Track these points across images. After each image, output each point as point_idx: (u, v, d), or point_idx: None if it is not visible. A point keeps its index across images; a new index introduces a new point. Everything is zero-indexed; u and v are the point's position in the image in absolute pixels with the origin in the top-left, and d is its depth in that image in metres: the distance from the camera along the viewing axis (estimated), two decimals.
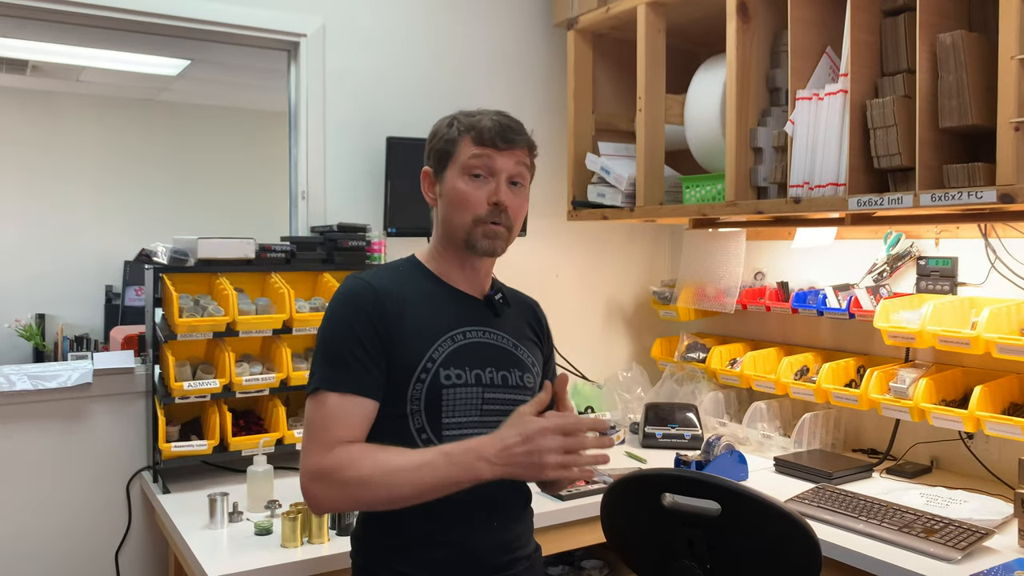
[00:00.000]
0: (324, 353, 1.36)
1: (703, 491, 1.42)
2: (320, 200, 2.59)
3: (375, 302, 1.37)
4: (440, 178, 1.45)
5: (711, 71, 2.44)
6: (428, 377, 1.36)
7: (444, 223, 1.45)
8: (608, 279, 3.18)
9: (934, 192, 1.69)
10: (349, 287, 1.40)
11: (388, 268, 1.48)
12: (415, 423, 1.37)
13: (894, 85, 1.84)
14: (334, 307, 1.39)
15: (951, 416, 2.12)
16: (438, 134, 1.46)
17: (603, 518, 1.59)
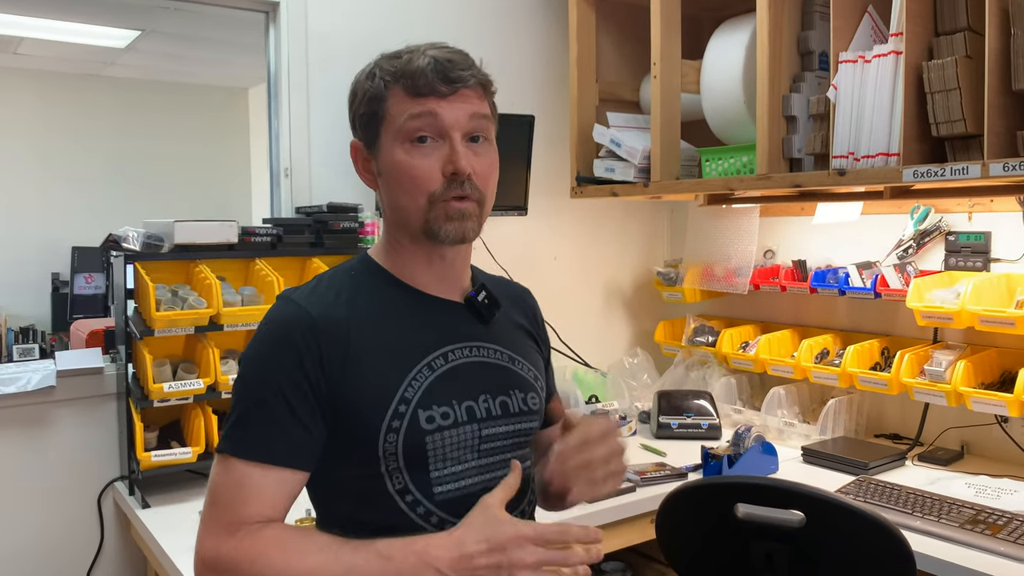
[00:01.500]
0: (236, 404, 1.04)
1: (782, 499, 1.26)
2: (305, 177, 2.36)
3: (310, 336, 1.02)
4: (373, 151, 1.11)
5: (731, 34, 2.26)
6: (403, 424, 1.04)
7: (392, 209, 1.12)
8: (607, 260, 3.01)
9: (1007, 161, 1.54)
10: (275, 316, 1.07)
11: (334, 277, 1.13)
12: (394, 483, 1.05)
13: (952, 45, 1.69)
14: (254, 344, 1.06)
15: (994, 400, 2.00)
16: (359, 92, 1.11)
17: (661, 532, 1.42)
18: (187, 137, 6.32)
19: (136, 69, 5.83)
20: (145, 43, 5.15)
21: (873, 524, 1.22)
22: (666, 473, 2.09)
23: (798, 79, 2.03)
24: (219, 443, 1.04)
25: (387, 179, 1.10)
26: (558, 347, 2.77)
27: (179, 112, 6.30)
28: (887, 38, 1.88)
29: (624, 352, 2.99)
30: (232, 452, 1.01)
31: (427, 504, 1.06)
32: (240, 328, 2.01)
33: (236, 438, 1.02)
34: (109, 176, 5.97)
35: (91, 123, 5.93)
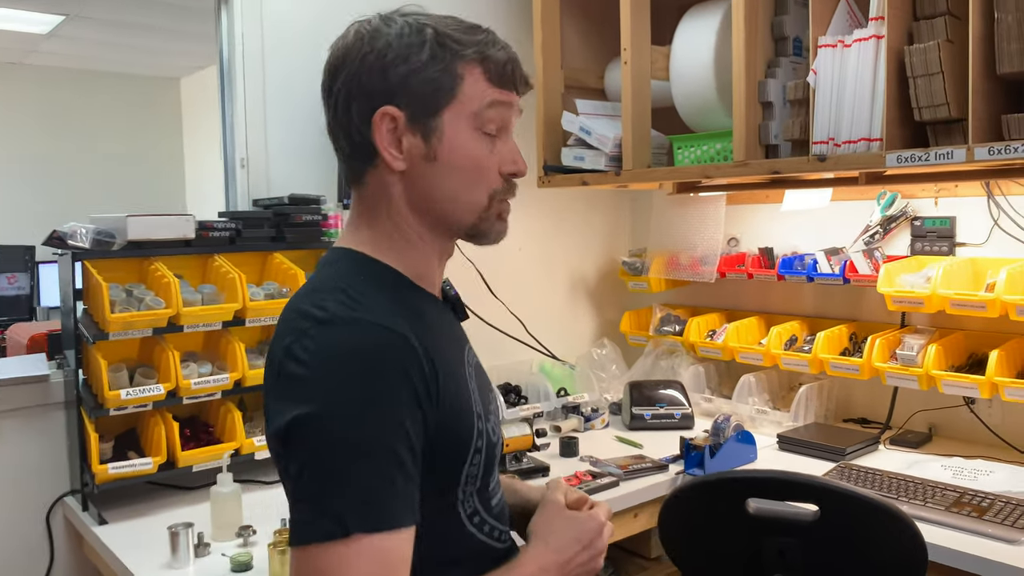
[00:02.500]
0: (354, 466, 0.82)
1: (794, 493, 1.22)
2: (262, 168, 2.24)
3: (414, 362, 0.87)
4: (426, 128, 0.94)
5: (700, 19, 2.23)
6: (484, 442, 0.97)
7: (436, 199, 0.96)
8: (570, 250, 2.97)
9: (992, 145, 1.55)
10: (364, 345, 0.86)
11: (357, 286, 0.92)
12: (466, 509, 0.97)
13: (933, 30, 1.68)
14: (347, 387, 0.84)
15: (966, 383, 2.03)
16: (412, 55, 0.93)
17: (664, 530, 1.38)
18: (115, 130, 6.04)
19: (60, 57, 5.53)
20: (69, 29, 4.88)
21: (888, 514, 1.20)
22: (646, 466, 2.06)
23: (773, 65, 2.01)
24: (325, 527, 0.80)
25: (444, 167, 0.95)
26: (525, 339, 2.72)
27: (106, 103, 6.02)
28: (862, 23, 1.87)
29: (589, 343, 2.95)
30: (371, 528, 0.80)
31: (490, 520, 1.01)
32: (200, 329, 1.89)
33: (372, 510, 0.81)
34: (30, 170, 5.67)
35: (10, 114, 5.61)
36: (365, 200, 0.99)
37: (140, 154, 6.18)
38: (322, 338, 0.86)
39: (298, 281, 2.00)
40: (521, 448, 2.03)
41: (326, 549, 0.79)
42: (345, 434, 0.82)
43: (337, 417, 0.83)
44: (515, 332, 2.68)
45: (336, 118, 0.97)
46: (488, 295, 2.60)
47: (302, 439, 0.83)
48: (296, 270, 2.02)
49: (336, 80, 0.95)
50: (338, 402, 0.83)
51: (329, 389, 0.83)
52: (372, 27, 0.95)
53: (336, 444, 0.82)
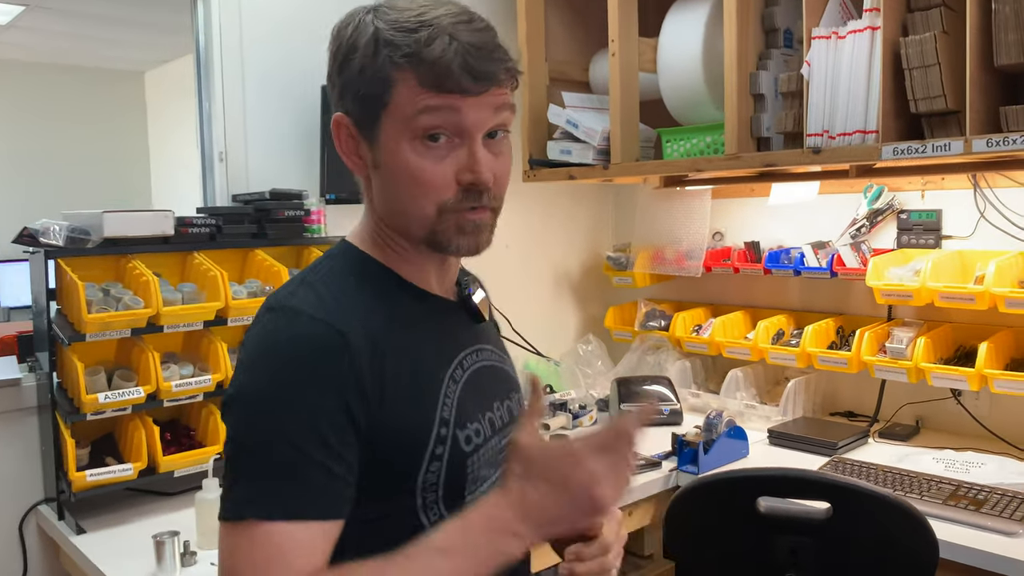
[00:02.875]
0: (252, 454, 0.82)
1: (806, 491, 1.20)
2: (241, 163, 2.17)
3: (344, 357, 0.84)
4: (369, 136, 0.91)
5: (688, 11, 2.21)
6: (446, 450, 0.91)
7: (389, 211, 0.94)
8: (554, 245, 2.93)
9: (990, 137, 1.54)
10: (292, 336, 0.85)
11: (330, 279, 0.92)
12: (431, 517, 0.91)
13: (928, 21, 1.67)
14: (268, 375, 0.84)
15: (956, 376, 2.03)
16: (352, 61, 0.89)
17: (671, 530, 1.35)
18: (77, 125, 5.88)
19: (19, 49, 5.35)
20: (30, 19, 4.72)
21: (902, 511, 1.18)
22: (639, 463, 2.03)
23: (764, 57, 1.99)
24: (230, 509, 0.82)
25: (387, 176, 0.91)
26: (511, 337, 2.68)
27: (68, 97, 5.85)
28: (855, 14, 1.86)
29: (573, 340, 2.92)
30: (265, 515, 0.80)
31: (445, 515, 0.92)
32: (180, 329, 1.83)
33: (265, 498, 0.80)
34: None
35: None
36: (366, 195, 0.98)
37: (103, 150, 6.02)
38: (264, 326, 0.88)
39: (281, 278, 1.94)
40: None
41: (227, 528, 0.82)
42: (256, 423, 0.83)
43: (254, 405, 0.84)
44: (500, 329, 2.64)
45: None
46: None
47: (227, 420, 0.86)
48: (279, 267, 1.96)
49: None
50: (258, 391, 0.84)
51: (254, 376, 0.85)
52: (339, 24, 0.93)
53: (246, 431, 0.83)
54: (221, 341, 1.88)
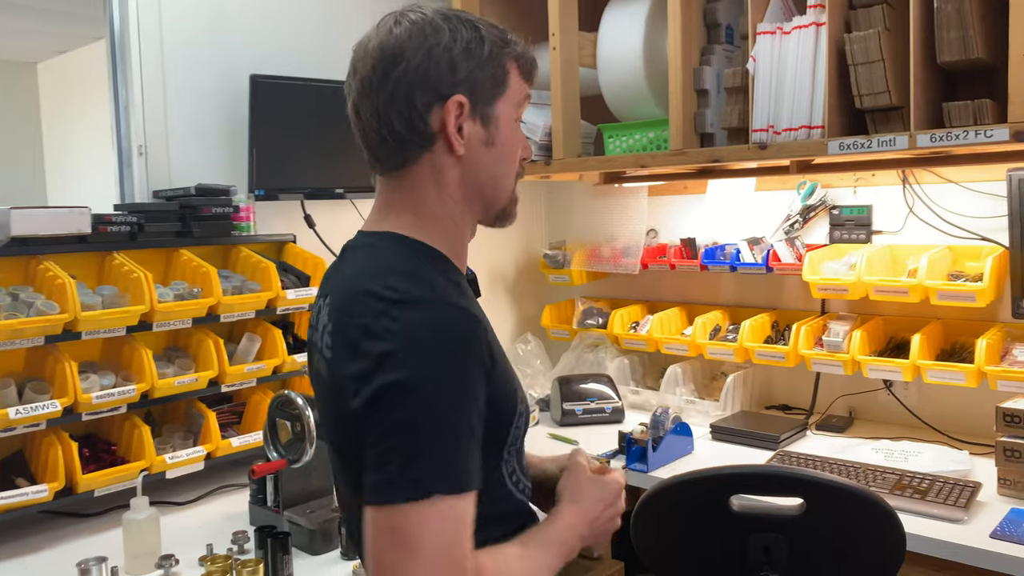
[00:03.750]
0: (438, 432, 0.88)
1: (779, 487, 1.19)
2: (162, 157, 2.02)
3: (484, 343, 0.94)
4: (487, 116, 1.02)
5: (628, 5, 2.19)
6: (524, 410, 1.06)
7: (486, 183, 1.04)
8: (488, 244, 2.87)
9: (934, 132, 1.57)
10: (450, 321, 0.92)
11: (419, 269, 0.99)
12: (508, 468, 1.05)
13: (870, 18, 1.70)
14: (444, 358, 0.90)
15: (890, 367, 2.08)
16: (474, 50, 1.01)
17: (640, 531, 1.31)
18: None
19: None
20: None
21: (872, 504, 1.18)
22: None
23: (707, 52, 1.99)
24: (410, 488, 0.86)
25: (499, 150, 1.03)
26: None
27: None
28: (796, 11, 1.87)
29: (510, 339, 2.88)
30: (448, 490, 0.87)
31: (523, 478, 1.09)
32: (100, 335, 1.68)
33: (449, 474, 0.88)
34: None
35: None
36: (411, 184, 1.03)
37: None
38: (405, 317, 0.91)
39: (210, 279, 1.82)
40: None
41: (406, 509, 0.86)
42: (431, 406, 0.88)
43: (426, 389, 0.88)
44: None
45: (393, 105, 0.99)
46: None
47: (391, 405, 0.88)
48: (207, 267, 1.84)
49: (393, 70, 0.99)
50: (427, 376, 0.88)
51: (418, 363, 0.89)
52: (428, 21, 1.00)
53: (422, 414, 0.88)
54: (145, 348, 1.74)
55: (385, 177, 1.04)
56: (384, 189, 1.05)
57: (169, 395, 1.77)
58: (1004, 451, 1.72)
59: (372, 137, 1.01)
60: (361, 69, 1.00)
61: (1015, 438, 1.71)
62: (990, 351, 1.95)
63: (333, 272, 1.07)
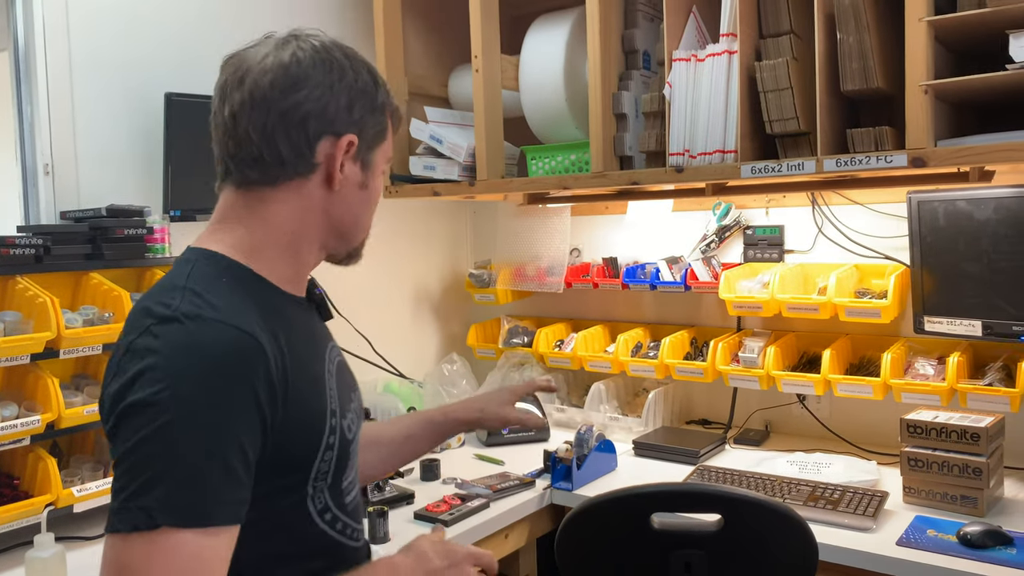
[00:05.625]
0: (174, 459, 0.82)
1: (698, 504, 1.22)
2: (71, 176, 1.95)
3: (261, 365, 0.89)
4: (366, 160, 1.05)
5: (549, 29, 2.23)
6: (337, 439, 1.00)
7: (344, 222, 1.05)
8: (413, 264, 2.86)
9: (839, 157, 1.65)
10: (216, 341, 0.87)
11: (210, 287, 0.93)
12: (316, 503, 1.00)
13: (779, 47, 1.77)
14: (186, 382, 0.84)
15: (803, 381, 2.16)
16: (369, 95, 1.03)
17: (564, 551, 1.32)
18: None
19: None
20: None
21: (786, 517, 1.22)
22: (513, 483, 2.00)
23: (625, 77, 2.04)
24: (139, 517, 0.79)
25: (368, 195, 1.07)
26: (371, 359, 2.58)
27: None
28: (711, 39, 1.94)
29: (436, 359, 2.86)
30: (181, 523, 0.80)
31: (342, 517, 1.04)
32: (2, 364, 1.60)
33: (184, 504, 0.80)
34: None
35: None
36: (268, 204, 1.00)
37: None
38: (167, 335, 0.87)
39: (122, 303, 1.76)
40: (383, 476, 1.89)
41: (133, 540, 0.79)
42: (177, 428, 0.83)
43: (174, 410, 0.83)
44: (359, 350, 2.54)
45: (283, 126, 0.98)
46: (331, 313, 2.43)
47: (135, 425, 0.83)
48: (119, 291, 1.77)
49: (296, 92, 0.98)
50: (177, 396, 0.83)
51: (171, 381, 0.84)
52: (332, 55, 1.01)
53: (165, 436, 0.82)
54: (51, 376, 1.67)
55: (238, 191, 1.00)
56: (229, 203, 1.01)
57: (77, 425, 1.69)
58: (908, 461, 1.80)
59: (247, 150, 0.98)
60: (252, 81, 0.97)
61: (918, 448, 1.80)
62: (894, 365, 2.04)
63: None
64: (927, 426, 1.79)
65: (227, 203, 1.01)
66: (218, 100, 1.00)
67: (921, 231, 1.98)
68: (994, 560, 1.51)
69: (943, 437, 1.77)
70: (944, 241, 1.94)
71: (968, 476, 1.73)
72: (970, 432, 1.74)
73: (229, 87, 0.99)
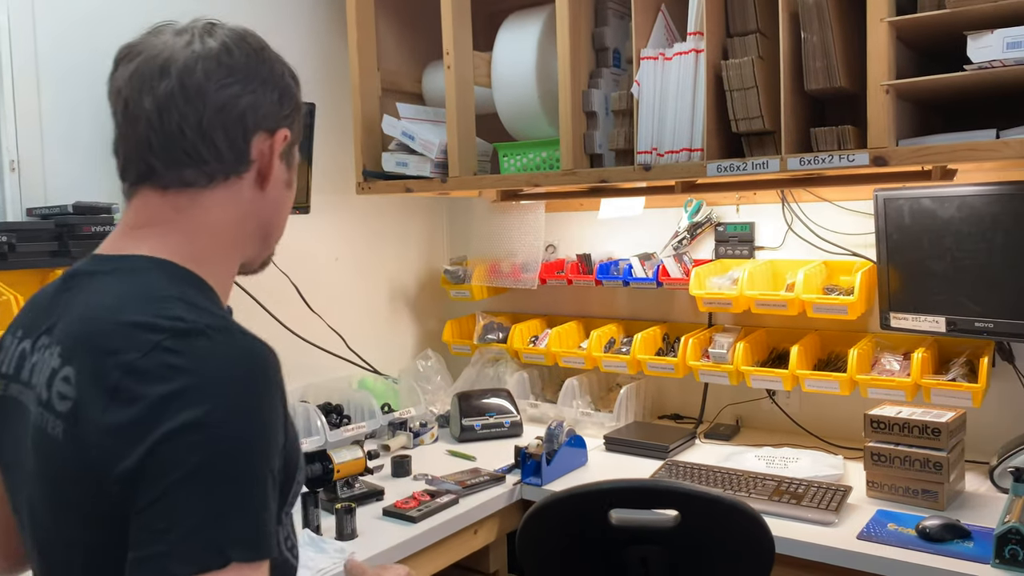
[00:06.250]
0: (243, 484, 0.73)
1: (655, 500, 1.23)
2: (37, 173, 1.94)
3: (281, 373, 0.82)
4: (290, 158, 0.98)
5: (520, 27, 2.23)
6: (301, 459, 0.94)
7: (271, 225, 0.98)
8: (388, 260, 2.86)
9: (803, 156, 1.66)
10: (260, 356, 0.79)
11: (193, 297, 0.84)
12: (283, 532, 0.91)
13: (745, 46, 1.78)
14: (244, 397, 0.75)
15: (771, 376, 2.18)
16: (292, 90, 0.97)
17: (524, 548, 1.34)
18: None
19: None
20: None
21: (742, 512, 1.23)
22: (483, 479, 2.02)
23: (595, 75, 2.05)
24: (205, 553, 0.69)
25: (289, 195, 1.00)
26: (345, 355, 2.59)
27: None
28: (679, 37, 1.95)
29: (411, 355, 2.87)
30: (253, 556, 0.72)
31: (292, 536, 0.95)
32: None
33: (254, 539, 0.72)
34: None
35: None
36: (204, 206, 0.90)
37: None
38: (195, 351, 0.75)
39: None
40: (353, 472, 1.90)
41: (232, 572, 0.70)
42: (234, 450, 0.73)
43: (227, 429, 0.72)
44: (333, 347, 2.54)
45: (221, 119, 0.89)
46: (304, 309, 2.44)
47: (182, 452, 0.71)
48: None
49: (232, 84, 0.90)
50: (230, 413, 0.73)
51: (217, 400, 0.73)
52: (257, 45, 0.94)
53: (223, 460, 0.72)
54: None
55: (164, 193, 0.88)
56: (152, 206, 0.89)
57: None
58: (871, 456, 1.83)
59: (177, 147, 0.87)
60: (180, 71, 0.87)
61: (881, 443, 1.82)
62: (861, 361, 2.06)
63: (51, 304, 0.88)
64: (890, 421, 1.82)
65: (148, 206, 0.89)
66: (132, 91, 0.87)
67: (887, 228, 2.00)
68: (951, 553, 1.53)
69: (905, 432, 1.79)
70: (910, 238, 1.96)
71: (929, 471, 1.75)
72: (931, 427, 1.76)
73: (146, 77, 0.87)
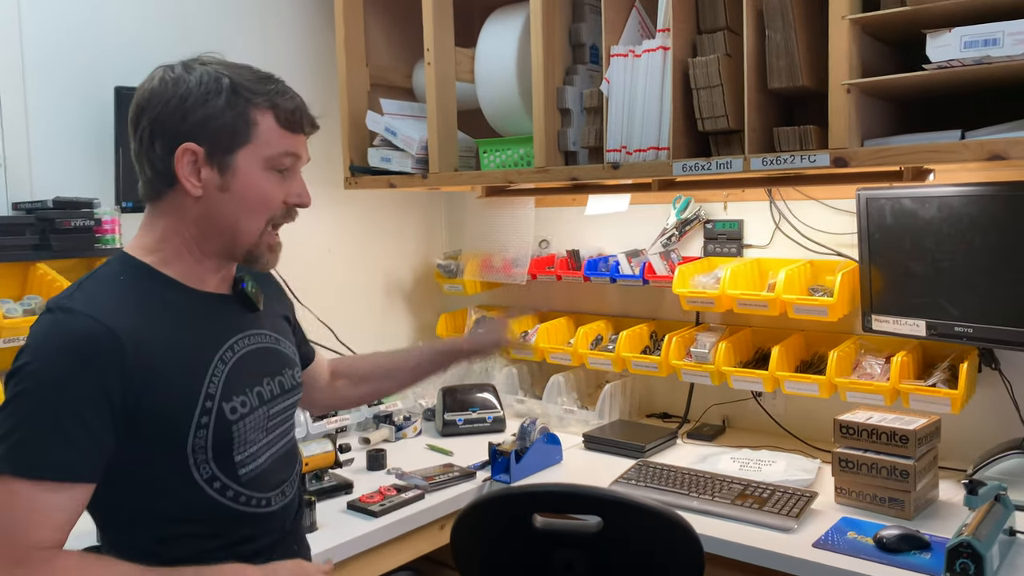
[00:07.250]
0: (18, 420, 1.01)
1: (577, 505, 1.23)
2: (23, 168, 1.99)
3: (112, 351, 1.04)
4: (223, 164, 1.14)
5: (503, 23, 2.23)
6: (211, 419, 1.14)
7: (220, 226, 1.16)
8: (383, 253, 2.88)
9: (765, 156, 1.64)
10: (66, 330, 1.05)
11: (103, 284, 1.13)
12: (202, 473, 1.14)
13: (714, 43, 1.75)
14: (41, 358, 1.04)
15: (752, 377, 2.15)
16: (210, 101, 1.12)
17: (456, 548, 1.35)
18: None
19: None
20: None
21: (664, 519, 1.22)
22: (454, 475, 2.03)
23: (571, 72, 2.03)
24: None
25: (234, 197, 1.14)
26: (335, 348, 2.62)
27: None
28: (652, 34, 1.93)
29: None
30: (16, 472, 0.99)
31: (235, 487, 1.16)
32: None
33: (22, 456, 1.00)
34: None
35: None
36: (158, 214, 1.18)
37: None
38: (42, 322, 1.08)
39: None
40: (323, 466, 1.93)
41: None
42: (23, 395, 1.01)
43: (26, 381, 1.02)
44: (324, 340, 2.57)
45: (142, 148, 1.14)
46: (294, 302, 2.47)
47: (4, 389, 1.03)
48: (62, 281, 1.82)
49: (142, 118, 1.13)
50: (30, 371, 1.02)
51: (29, 358, 1.04)
52: (175, 74, 1.13)
53: (16, 400, 1.01)
54: None
55: (148, 204, 1.19)
56: (146, 214, 1.20)
57: None
58: (839, 461, 1.79)
59: (139, 172, 1.17)
60: (133, 106, 1.15)
61: (849, 449, 1.79)
62: (840, 363, 2.02)
63: None
64: (859, 427, 1.78)
65: (146, 213, 1.20)
66: None
67: (869, 228, 1.95)
68: (906, 565, 1.50)
69: (873, 439, 1.76)
70: (891, 239, 1.91)
71: (896, 478, 1.71)
72: (899, 434, 1.72)
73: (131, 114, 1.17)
